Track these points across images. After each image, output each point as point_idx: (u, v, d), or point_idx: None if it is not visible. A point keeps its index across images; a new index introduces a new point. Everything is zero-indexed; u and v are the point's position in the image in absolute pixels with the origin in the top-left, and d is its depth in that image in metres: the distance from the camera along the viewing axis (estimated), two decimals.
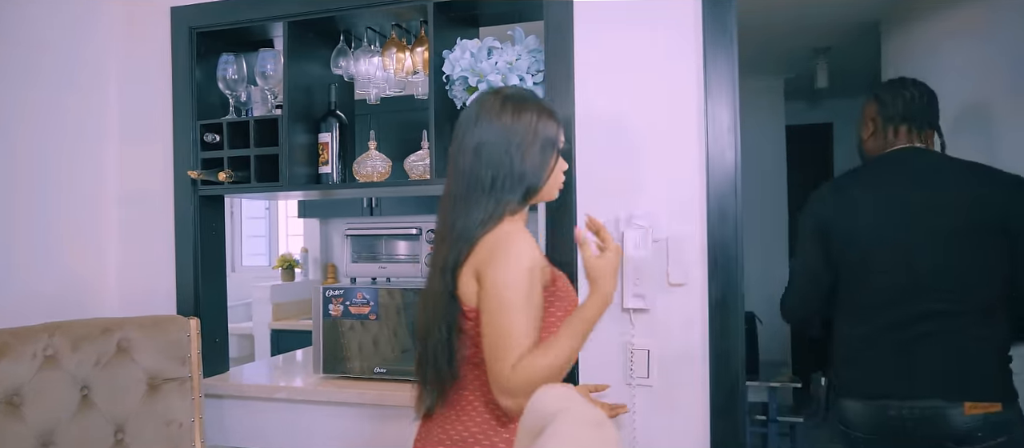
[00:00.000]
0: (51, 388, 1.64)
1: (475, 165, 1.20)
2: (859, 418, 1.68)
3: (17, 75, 1.80)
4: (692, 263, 1.64)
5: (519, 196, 1.21)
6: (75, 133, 1.98)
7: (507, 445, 1.21)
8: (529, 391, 1.03)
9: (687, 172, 1.65)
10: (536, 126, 1.21)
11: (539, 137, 1.21)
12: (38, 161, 1.87)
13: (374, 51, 1.97)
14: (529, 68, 1.72)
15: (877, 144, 1.81)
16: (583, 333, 1.15)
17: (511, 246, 1.14)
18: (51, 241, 1.90)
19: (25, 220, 1.83)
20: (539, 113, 1.23)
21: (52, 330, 1.69)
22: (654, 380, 1.66)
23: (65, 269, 1.94)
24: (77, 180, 1.99)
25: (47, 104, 1.89)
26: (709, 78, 1.62)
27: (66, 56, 1.95)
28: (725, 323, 1.61)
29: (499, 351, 1.11)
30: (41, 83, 1.88)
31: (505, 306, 1.12)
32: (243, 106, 2.02)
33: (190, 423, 1.80)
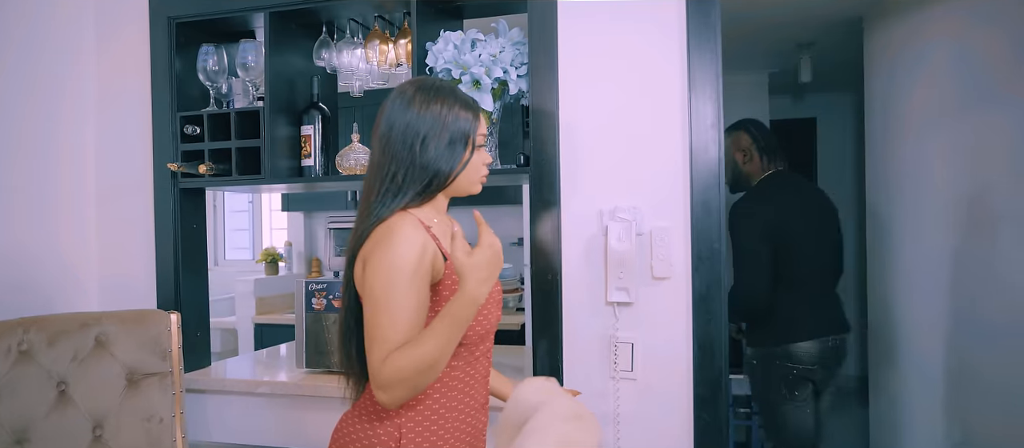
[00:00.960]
0: (26, 384, 1.62)
1: (381, 156, 1.19)
2: (808, 354, 2.32)
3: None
4: (676, 257, 1.65)
5: (420, 188, 1.19)
6: (51, 126, 1.95)
7: (382, 445, 1.18)
8: (400, 385, 1.07)
9: (671, 166, 1.65)
10: (445, 118, 1.19)
11: (448, 129, 1.19)
12: (13, 153, 1.84)
13: (357, 43, 1.95)
14: (513, 61, 1.71)
15: (754, 169, 2.51)
16: (450, 331, 1.08)
17: (392, 238, 1.12)
18: (27, 235, 1.87)
19: (1, 211, 1.79)
20: (450, 105, 1.20)
21: (27, 325, 1.66)
22: (638, 373, 1.66)
23: (42, 263, 1.91)
24: (54, 172, 1.95)
25: (21, 96, 1.86)
26: (693, 73, 1.62)
27: (40, 46, 1.92)
28: (709, 316, 1.61)
29: (372, 344, 1.09)
30: (14, 73, 1.84)
31: (379, 299, 1.10)
32: (224, 98, 1.99)
33: (171, 418, 1.78)
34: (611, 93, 1.68)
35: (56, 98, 1.96)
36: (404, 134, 1.18)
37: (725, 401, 1.60)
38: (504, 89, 1.74)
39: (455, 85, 1.25)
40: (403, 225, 1.14)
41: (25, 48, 1.86)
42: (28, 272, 1.87)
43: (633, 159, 1.67)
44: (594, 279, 1.69)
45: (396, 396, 1.08)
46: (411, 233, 1.13)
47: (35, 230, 1.89)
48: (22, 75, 1.85)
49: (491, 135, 1.77)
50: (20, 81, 1.85)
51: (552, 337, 1.68)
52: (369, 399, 1.23)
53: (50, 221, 1.94)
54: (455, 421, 1.20)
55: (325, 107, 1.95)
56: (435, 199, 1.24)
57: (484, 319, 1.21)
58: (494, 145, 1.78)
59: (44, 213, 1.92)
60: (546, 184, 1.69)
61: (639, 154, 1.67)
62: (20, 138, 1.85)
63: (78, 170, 2.02)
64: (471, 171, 1.24)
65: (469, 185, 1.26)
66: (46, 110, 1.93)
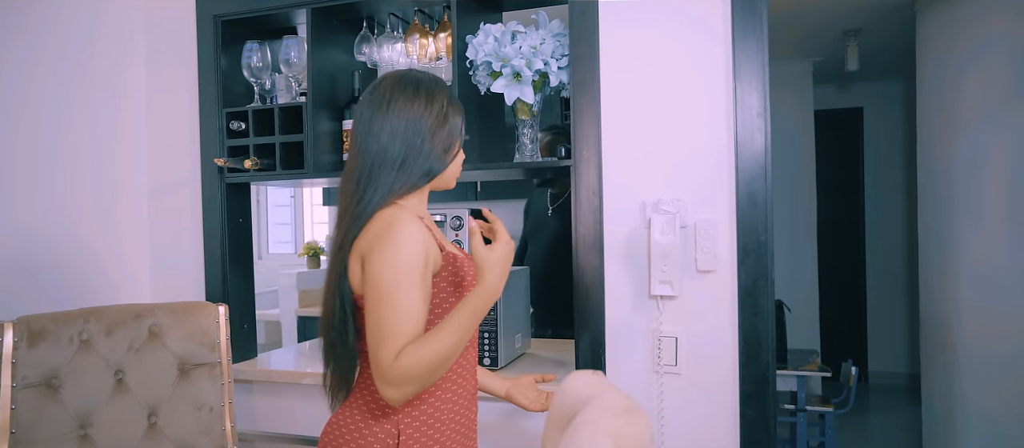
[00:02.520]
0: (87, 372, 1.67)
1: (388, 145, 1.17)
2: None
3: (48, 66, 1.83)
4: (721, 249, 1.61)
5: (416, 180, 1.18)
6: (105, 124, 2.01)
7: (380, 443, 1.16)
8: (413, 381, 1.05)
9: (715, 157, 1.62)
10: (446, 112, 1.20)
11: (447, 123, 1.21)
12: (69, 151, 1.90)
13: (397, 37, 1.96)
14: (553, 52, 1.69)
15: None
16: (469, 324, 1.09)
17: (393, 232, 1.10)
18: (86, 228, 1.93)
19: (61, 208, 1.86)
20: (449, 100, 1.22)
21: (87, 315, 1.72)
22: (682, 368, 1.64)
23: (99, 256, 1.97)
24: (108, 168, 2.01)
25: (76, 96, 1.92)
26: (738, 61, 1.58)
27: (92, 47, 1.97)
28: (755, 310, 1.58)
29: (381, 340, 1.06)
30: (69, 74, 1.90)
31: (385, 294, 1.07)
32: (268, 94, 2.03)
33: (220, 408, 1.83)
34: (653, 83, 1.65)
35: (108, 97, 2.02)
36: (413, 124, 1.17)
37: (772, 397, 1.57)
38: (545, 81, 1.72)
39: (431, 76, 1.25)
40: (404, 220, 1.12)
41: (78, 50, 1.92)
42: (86, 264, 1.93)
43: (676, 150, 1.64)
44: (637, 272, 1.67)
45: (406, 392, 1.07)
46: (414, 228, 1.11)
47: (93, 224, 1.96)
48: (76, 76, 1.91)
49: (532, 127, 1.76)
50: (75, 81, 1.91)
51: (594, 331, 1.67)
52: (362, 397, 1.21)
53: (106, 215, 2.00)
54: (451, 413, 1.20)
55: None
56: (421, 191, 1.23)
57: None
58: (534, 137, 1.77)
59: (101, 208, 1.99)
60: (587, 176, 1.67)
61: (682, 145, 1.64)
62: (78, 136, 1.91)
63: (130, 166, 2.08)
64: (456, 167, 1.25)
65: (448, 180, 1.26)
66: (100, 109, 1.99)
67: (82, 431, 1.65)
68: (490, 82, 1.72)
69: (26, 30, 1.76)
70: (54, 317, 1.67)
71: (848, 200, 5.52)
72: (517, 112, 1.76)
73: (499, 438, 1.76)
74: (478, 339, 1.27)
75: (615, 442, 0.51)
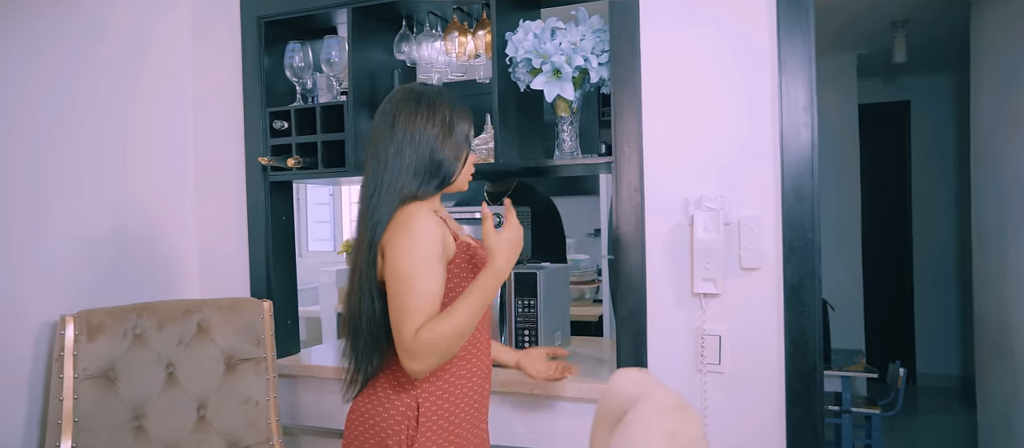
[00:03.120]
0: (141, 365, 1.73)
1: (395, 158, 1.26)
2: None
3: (104, 69, 1.88)
4: (766, 246, 1.58)
5: (435, 185, 1.29)
6: (154, 125, 2.06)
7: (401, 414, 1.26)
8: (433, 354, 1.19)
9: (760, 152, 1.58)
10: (451, 120, 1.29)
11: (454, 131, 1.29)
12: (129, 152, 1.95)
13: (436, 35, 1.97)
14: (594, 48, 1.68)
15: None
16: (480, 302, 1.22)
17: (411, 224, 1.22)
18: (138, 225, 1.99)
19: (118, 206, 1.91)
20: (452, 109, 1.30)
21: (139, 310, 1.77)
22: (726, 366, 1.61)
23: (150, 252, 2.03)
24: (159, 168, 2.07)
25: (127, 98, 1.97)
26: (783, 54, 1.55)
27: (143, 51, 2.03)
28: (801, 308, 1.54)
29: (403, 319, 1.19)
30: (120, 77, 1.96)
31: (405, 279, 1.20)
32: (309, 93, 2.06)
33: (265, 402, 1.86)
34: (696, 78, 1.63)
35: (159, 99, 2.08)
36: (415, 139, 1.27)
37: (820, 397, 1.53)
38: (585, 77, 1.71)
39: (438, 88, 1.35)
40: (420, 215, 1.24)
41: (130, 54, 1.98)
42: (140, 260, 1.99)
43: (720, 146, 1.62)
44: (679, 270, 1.65)
45: (428, 365, 1.19)
46: (429, 221, 1.23)
47: (145, 221, 2.01)
48: (129, 79, 1.97)
49: (572, 125, 1.75)
50: (127, 85, 1.96)
51: (636, 329, 1.65)
52: (385, 377, 1.31)
53: (157, 213, 2.06)
54: (466, 388, 1.31)
55: None
56: (436, 194, 1.33)
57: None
58: (574, 135, 1.76)
59: (152, 205, 2.04)
60: (629, 173, 1.65)
61: (726, 140, 1.61)
62: (131, 137, 1.97)
63: (179, 165, 2.14)
64: (467, 171, 1.34)
65: (462, 183, 1.35)
66: (150, 110, 2.04)
67: (137, 422, 1.70)
68: (530, 79, 1.71)
69: (81, 34, 1.82)
70: (110, 312, 1.73)
71: (894, 196, 5.36)
72: (557, 109, 1.75)
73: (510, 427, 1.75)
74: (491, 321, 1.37)
75: (669, 440, 0.51)
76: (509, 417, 1.76)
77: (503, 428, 1.75)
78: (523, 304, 1.79)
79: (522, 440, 1.75)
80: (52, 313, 1.69)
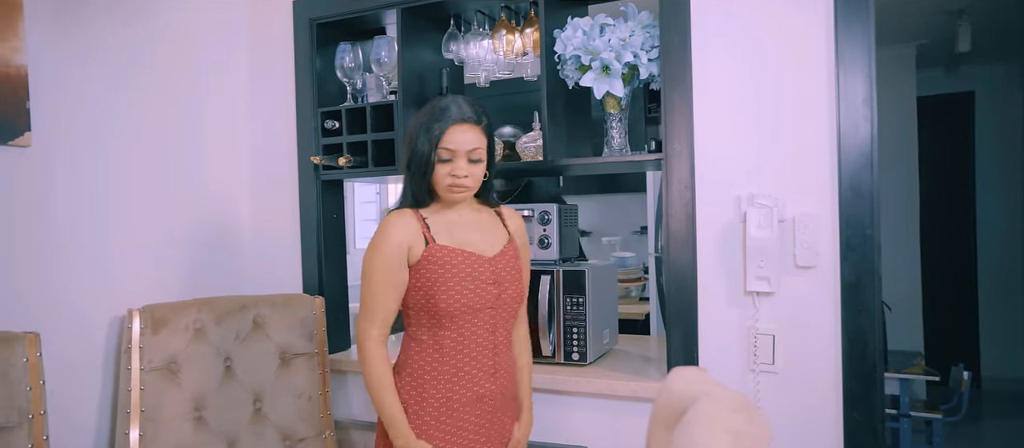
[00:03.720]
0: (200, 358, 1.79)
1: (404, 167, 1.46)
2: None
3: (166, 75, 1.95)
4: (822, 244, 1.54)
5: (412, 195, 1.44)
6: (214, 126, 2.13)
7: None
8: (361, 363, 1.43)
9: (816, 148, 1.54)
10: (415, 138, 1.41)
11: (416, 147, 1.40)
12: (189, 154, 2.02)
13: (483, 34, 1.98)
14: (643, 44, 1.66)
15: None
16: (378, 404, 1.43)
17: (379, 229, 1.42)
18: (198, 224, 2.06)
19: (176, 206, 1.98)
20: (421, 125, 1.40)
21: (200, 305, 1.83)
22: (780, 366, 1.57)
23: (210, 248, 2.10)
24: (217, 168, 2.14)
25: (187, 101, 2.04)
26: (841, 46, 1.50)
27: (201, 54, 2.10)
28: (859, 308, 1.50)
29: (361, 310, 1.44)
30: (187, 82, 2.02)
31: (364, 275, 1.43)
32: (359, 93, 2.09)
33: (318, 396, 1.91)
34: (749, 73, 1.59)
35: (215, 101, 2.14)
36: (403, 150, 1.45)
37: (880, 400, 1.48)
38: (634, 74, 1.70)
39: (439, 101, 1.42)
40: (389, 219, 1.42)
41: (187, 58, 2.04)
42: (197, 257, 2.06)
43: (773, 142, 1.58)
44: (731, 268, 1.62)
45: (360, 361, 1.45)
46: (390, 226, 1.40)
47: (203, 220, 2.08)
48: (186, 84, 2.04)
49: (621, 121, 1.74)
50: (185, 89, 2.03)
51: (687, 327, 1.63)
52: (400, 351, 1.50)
53: (215, 212, 2.13)
54: (429, 386, 1.42)
55: None
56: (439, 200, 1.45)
57: (447, 298, 1.39)
58: (623, 131, 1.75)
59: (210, 205, 2.11)
60: (679, 170, 1.63)
61: (780, 136, 1.57)
62: (190, 138, 2.04)
63: (235, 166, 2.20)
64: (437, 183, 1.42)
65: (443, 193, 1.43)
66: (207, 112, 2.11)
67: (197, 413, 1.77)
68: (578, 76, 1.70)
69: (141, 40, 1.89)
70: (172, 306, 1.79)
71: (955, 191, 5.14)
72: (605, 106, 1.74)
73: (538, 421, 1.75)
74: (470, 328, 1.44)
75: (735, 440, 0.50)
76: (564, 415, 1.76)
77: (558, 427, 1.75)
78: (571, 301, 1.78)
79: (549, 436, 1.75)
80: (120, 307, 1.77)
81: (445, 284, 1.39)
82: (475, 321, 1.43)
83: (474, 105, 1.42)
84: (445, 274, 1.40)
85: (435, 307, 1.40)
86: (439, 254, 1.41)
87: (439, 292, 1.39)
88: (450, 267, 1.41)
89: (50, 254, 1.65)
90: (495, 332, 1.46)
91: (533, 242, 1.85)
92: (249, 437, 1.81)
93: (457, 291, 1.40)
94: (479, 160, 1.41)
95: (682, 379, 0.68)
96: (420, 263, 1.41)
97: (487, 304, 1.43)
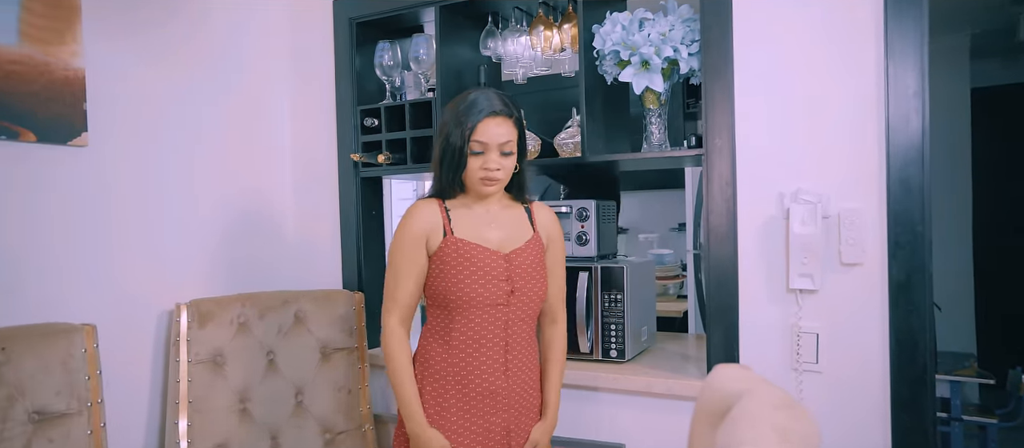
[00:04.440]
0: (245, 351, 1.83)
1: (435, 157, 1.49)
2: None
3: (205, 73, 2.01)
4: (869, 241, 1.50)
5: (440, 186, 1.47)
6: (256, 125, 2.18)
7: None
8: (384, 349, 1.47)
9: (863, 142, 1.50)
10: (447, 130, 1.42)
11: (441, 137, 1.43)
12: (232, 151, 2.08)
13: (521, 30, 1.98)
14: (684, 38, 1.64)
15: None
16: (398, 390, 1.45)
17: (401, 220, 1.46)
18: (242, 220, 2.11)
19: (221, 202, 2.04)
20: (453, 118, 1.41)
21: (244, 300, 1.88)
22: (824, 366, 1.54)
23: (252, 245, 2.15)
24: (260, 166, 2.18)
25: (232, 99, 2.09)
26: (890, 37, 1.45)
27: (243, 51, 2.14)
28: (909, 307, 1.45)
29: (386, 293, 1.48)
30: (225, 82, 2.08)
31: (388, 259, 1.48)
32: (398, 91, 2.12)
33: (357, 390, 1.94)
34: (792, 65, 1.56)
35: (258, 99, 2.19)
36: (435, 143, 1.46)
37: (931, 403, 1.43)
38: (674, 68, 1.67)
39: (470, 94, 1.43)
40: (411, 208, 1.46)
41: (229, 57, 2.09)
42: (241, 252, 2.11)
43: (818, 136, 1.54)
44: (773, 265, 1.58)
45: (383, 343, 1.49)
46: (413, 214, 1.44)
47: (247, 217, 2.13)
48: (229, 82, 2.09)
49: (660, 117, 1.72)
50: (228, 87, 2.08)
51: (727, 325, 1.60)
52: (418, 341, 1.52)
53: (258, 208, 2.18)
54: (442, 378, 1.44)
55: None
56: (467, 192, 1.47)
57: (458, 290, 1.41)
58: (663, 127, 1.73)
59: (254, 202, 2.16)
60: (720, 165, 1.60)
61: (825, 130, 1.53)
62: (235, 136, 2.09)
63: (277, 163, 2.25)
64: (469, 176, 1.43)
65: (475, 186, 1.44)
66: (251, 110, 2.16)
67: (242, 405, 1.81)
68: (617, 72, 1.69)
69: (190, 39, 1.95)
70: (217, 301, 1.84)
71: (1012, 187, 4.92)
72: (645, 101, 1.72)
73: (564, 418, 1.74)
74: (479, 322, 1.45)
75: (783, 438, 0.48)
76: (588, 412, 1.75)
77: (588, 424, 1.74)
78: (609, 298, 1.77)
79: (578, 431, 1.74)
80: (170, 301, 1.83)
81: (457, 276, 1.41)
82: (486, 316, 1.43)
83: (505, 98, 1.42)
84: (458, 266, 1.42)
85: (446, 299, 1.42)
86: (454, 246, 1.42)
87: (451, 284, 1.41)
88: (463, 260, 1.42)
89: (104, 250, 1.71)
90: (508, 329, 1.45)
91: (570, 239, 1.84)
92: (291, 430, 1.85)
93: (468, 284, 1.41)
94: (511, 153, 1.42)
95: (725, 376, 0.66)
96: (438, 253, 1.43)
97: (499, 300, 1.43)
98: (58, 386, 1.45)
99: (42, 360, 1.44)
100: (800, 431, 0.51)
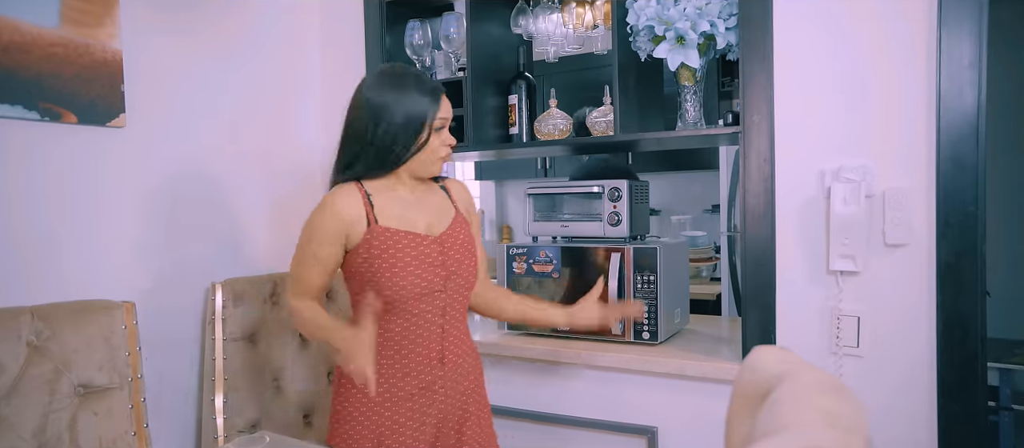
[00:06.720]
0: (276, 330, 1.86)
1: (344, 133, 1.36)
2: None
3: (239, 58, 2.02)
4: (916, 220, 1.43)
5: (373, 165, 1.34)
6: (288, 106, 2.19)
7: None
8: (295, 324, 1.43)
9: (910, 116, 1.43)
10: (399, 102, 1.30)
11: (402, 113, 1.30)
12: (262, 137, 2.09)
13: (553, 7, 1.94)
14: (720, 13, 1.58)
15: None
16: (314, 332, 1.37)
17: (318, 206, 1.35)
18: (272, 203, 2.13)
19: (254, 182, 2.06)
20: (407, 90, 1.31)
21: (276, 279, 1.90)
22: (865, 350, 1.49)
23: (283, 224, 2.17)
24: (290, 149, 2.20)
25: (263, 83, 2.11)
26: (945, 3, 1.37)
27: (276, 33, 2.15)
28: (959, 289, 1.39)
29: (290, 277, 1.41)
30: (263, 66, 2.09)
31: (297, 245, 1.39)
32: (429, 70, 2.10)
33: None
34: (836, 37, 1.49)
35: (290, 82, 2.20)
36: (362, 115, 1.33)
37: (982, 390, 1.37)
38: (710, 44, 1.62)
39: (417, 70, 1.36)
40: (328, 195, 1.34)
41: (264, 38, 2.10)
42: (274, 232, 2.13)
43: (862, 112, 1.48)
44: (813, 245, 1.53)
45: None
46: (327, 202, 1.33)
47: (280, 195, 2.15)
48: (263, 63, 2.10)
49: (695, 94, 1.67)
50: (262, 68, 2.09)
51: (764, 307, 1.56)
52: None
53: (290, 187, 2.19)
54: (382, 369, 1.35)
55: (530, 76, 1.97)
56: (396, 174, 1.36)
57: (392, 284, 1.31)
58: (698, 104, 1.68)
59: (285, 180, 2.18)
60: (758, 143, 1.55)
61: (870, 106, 1.47)
62: (265, 121, 2.10)
63: (307, 143, 2.25)
64: (428, 154, 1.35)
65: (427, 166, 1.36)
66: (283, 90, 2.17)
67: (275, 382, 1.84)
68: (652, 48, 1.64)
69: (223, 21, 1.96)
70: (250, 280, 1.87)
71: None
72: (680, 78, 1.67)
73: None
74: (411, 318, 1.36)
75: (830, 421, 0.46)
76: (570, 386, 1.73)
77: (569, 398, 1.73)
78: (643, 280, 1.74)
79: None
80: (206, 280, 1.86)
81: (390, 269, 1.31)
82: (424, 306, 1.35)
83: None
84: (389, 258, 1.31)
85: (379, 294, 1.31)
86: (382, 237, 1.32)
87: (383, 278, 1.30)
88: (394, 251, 1.32)
89: (141, 229, 1.74)
90: (445, 315, 1.38)
91: (603, 219, 1.81)
92: (323, 407, 1.87)
93: (402, 276, 1.31)
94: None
95: (766, 358, 0.64)
96: (361, 246, 1.32)
97: (436, 287, 1.35)
98: (100, 361, 1.49)
99: (84, 336, 1.47)
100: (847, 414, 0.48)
